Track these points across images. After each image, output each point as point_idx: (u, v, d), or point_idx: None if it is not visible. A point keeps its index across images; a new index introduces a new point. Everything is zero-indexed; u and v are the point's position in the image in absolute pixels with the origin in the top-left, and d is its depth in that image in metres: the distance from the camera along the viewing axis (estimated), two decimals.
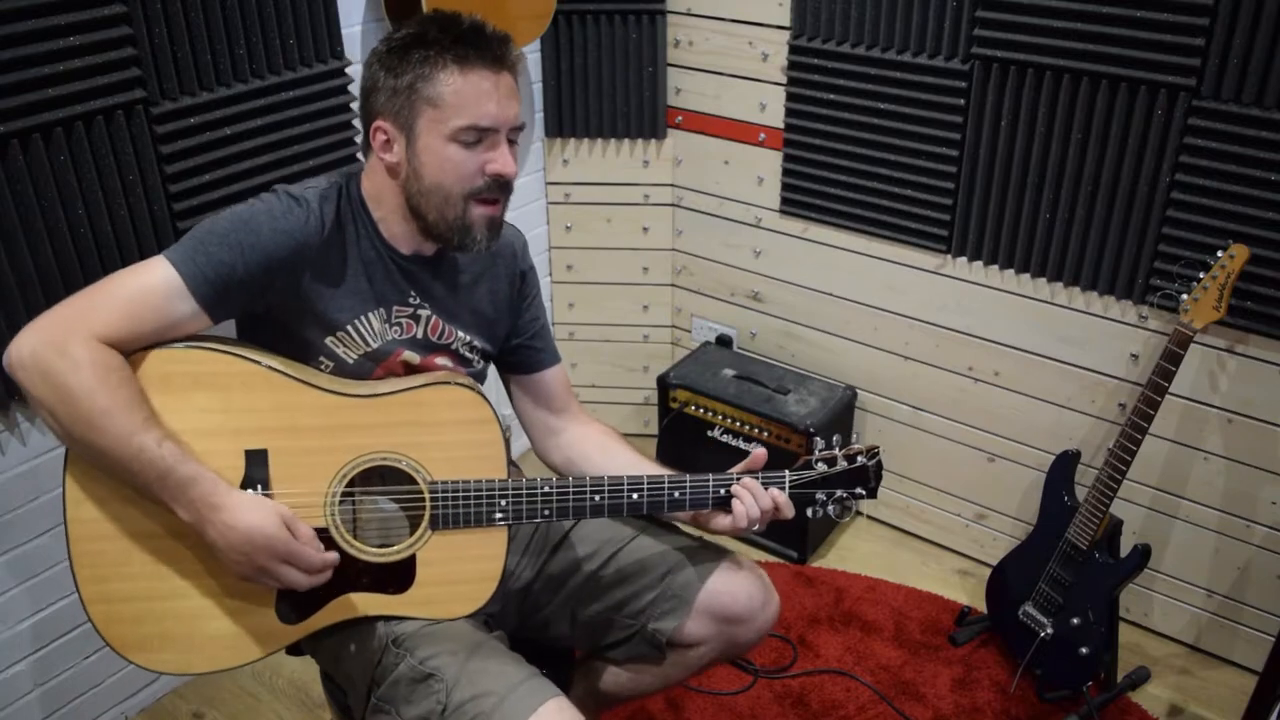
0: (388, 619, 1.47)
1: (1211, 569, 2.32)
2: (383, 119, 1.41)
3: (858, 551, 2.73)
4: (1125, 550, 2.12)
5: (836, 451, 1.55)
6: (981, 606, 2.44)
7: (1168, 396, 2.00)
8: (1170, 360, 1.96)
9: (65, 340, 1.27)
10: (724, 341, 2.93)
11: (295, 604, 1.44)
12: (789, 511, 1.51)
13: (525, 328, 1.66)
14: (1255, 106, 1.95)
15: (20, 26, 1.67)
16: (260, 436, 1.38)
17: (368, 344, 1.48)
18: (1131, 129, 2.09)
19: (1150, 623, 2.46)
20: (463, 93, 1.37)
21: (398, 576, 1.45)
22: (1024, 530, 2.54)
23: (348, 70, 2.21)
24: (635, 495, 1.48)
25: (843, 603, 2.53)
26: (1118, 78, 2.07)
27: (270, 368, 1.38)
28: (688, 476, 1.50)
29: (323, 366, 1.47)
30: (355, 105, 2.23)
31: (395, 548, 1.44)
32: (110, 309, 1.31)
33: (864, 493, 1.56)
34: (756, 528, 1.51)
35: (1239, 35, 1.92)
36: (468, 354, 1.58)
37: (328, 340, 1.46)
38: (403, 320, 1.51)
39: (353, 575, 1.44)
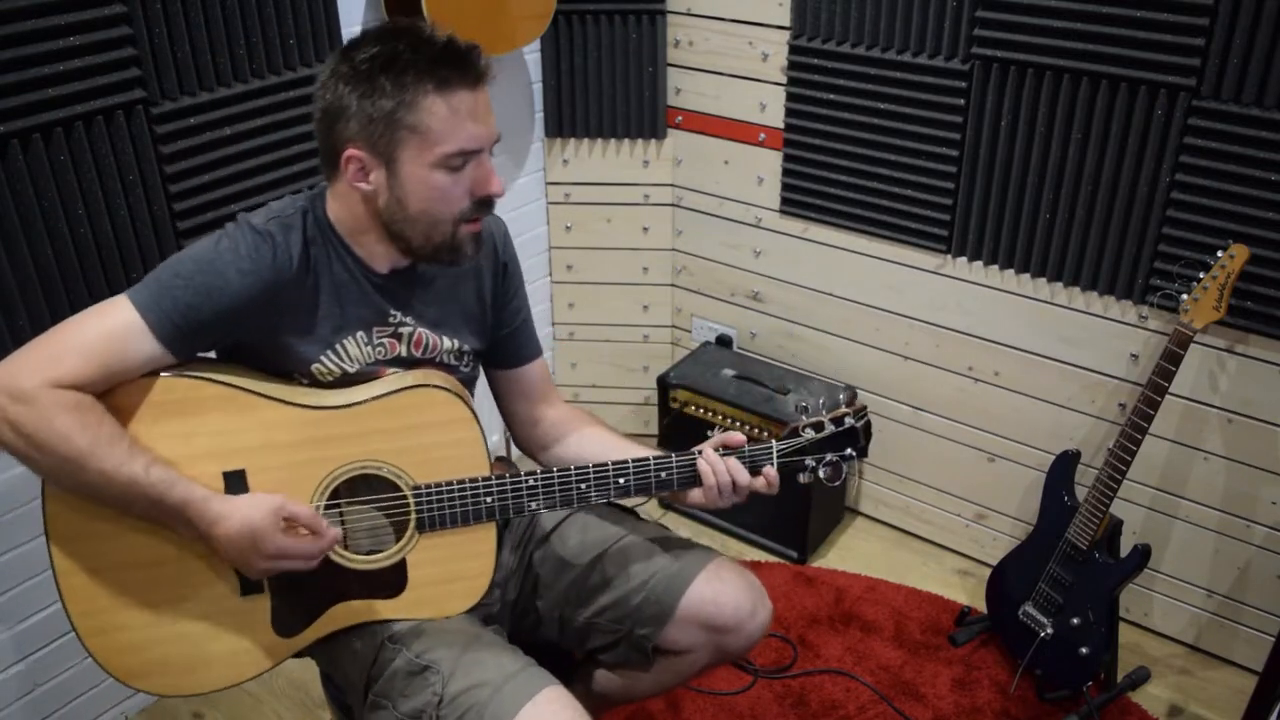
0: (382, 619, 1.47)
1: (1211, 569, 2.32)
2: (356, 147, 1.34)
3: (858, 551, 2.73)
4: (1125, 550, 2.12)
5: (824, 416, 1.51)
6: (981, 606, 2.44)
7: (1168, 396, 1.99)
8: (1170, 360, 1.96)
9: (31, 391, 1.25)
10: (724, 341, 2.93)
11: (291, 617, 1.44)
12: (767, 487, 1.49)
13: (508, 320, 1.63)
14: (1255, 106, 1.95)
15: (20, 26, 1.67)
16: (236, 457, 1.36)
17: (346, 369, 1.45)
18: (1131, 129, 2.09)
19: (1150, 623, 2.46)
20: (449, 119, 1.31)
21: (390, 581, 1.45)
22: (1024, 530, 2.54)
23: None
24: (622, 479, 1.46)
25: (843, 603, 2.53)
26: (1118, 78, 2.07)
27: (239, 387, 1.36)
28: (674, 456, 1.48)
29: (301, 383, 1.44)
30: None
31: (384, 554, 1.43)
32: (74, 355, 1.28)
33: (854, 453, 1.52)
34: (733, 500, 1.49)
35: (1239, 35, 1.92)
36: (453, 362, 1.55)
37: (308, 369, 1.43)
38: (385, 340, 1.47)
39: (345, 584, 1.44)
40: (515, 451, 1.79)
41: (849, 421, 1.51)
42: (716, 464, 1.47)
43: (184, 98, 1.94)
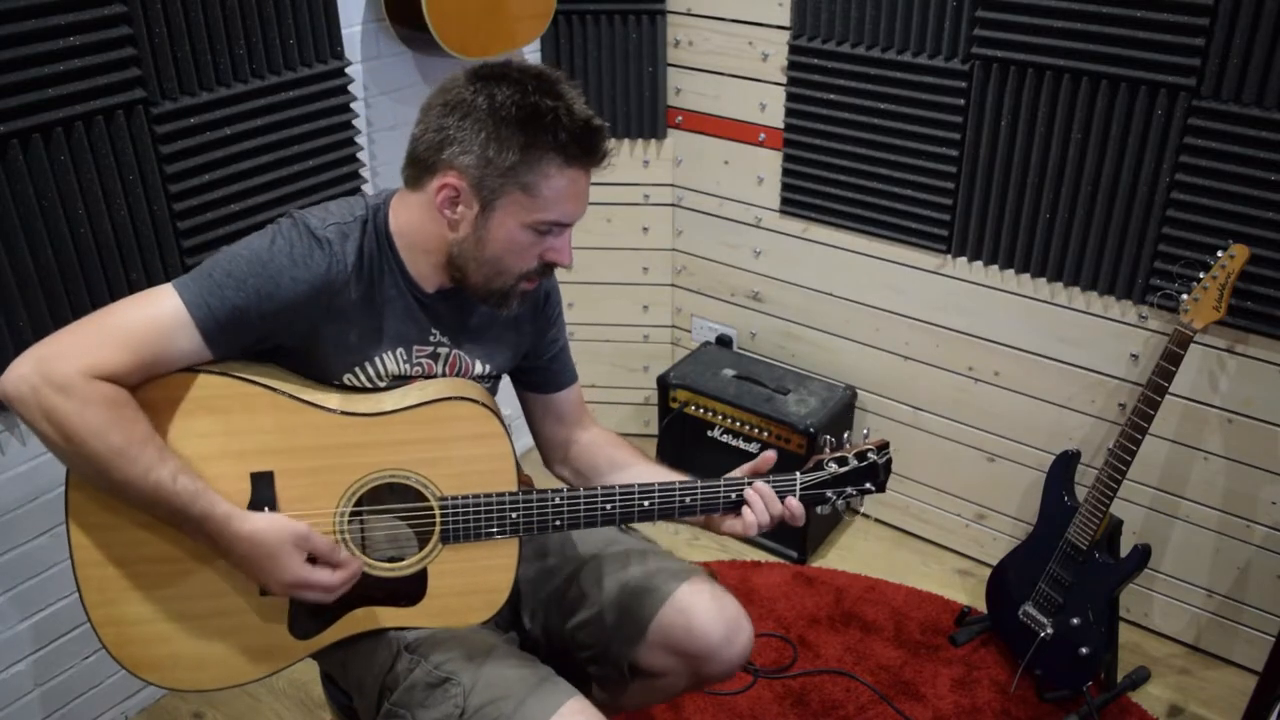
0: (399, 627, 1.47)
1: (1211, 569, 2.32)
2: (458, 178, 1.33)
3: (858, 551, 2.73)
4: (1125, 550, 2.12)
5: (847, 451, 1.53)
6: (981, 606, 2.44)
7: (1168, 396, 2.00)
8: (1170, 360, 1.96)
9: (68, 378, 1.21)
10: (724, 341, 2.93)
11: (308, 620, 1.44)
12: (801, 519, 1.49)
13: (545, 349, 1.63)
14: (1255, 106, 1.95)
15: (20, 26, 1.67)
16: (265, 458, 1.36)
17: (378, 383, 1.44)
18: (1131, 129, 2.09)
19: (1150, 623, 2.46)
20: (562, 192, 1.35)
21: (410, 589, 1.45)
22: (1024, 530, 2.54)
23: (348, 70, 2.21)
24: (647, 503, 1.47)
25: (843, 603, 2.53)
26: (1118, 78, 2.07)
27: (272, 389, 1.35)
28: (699, 482, 1.48)
29: (333, 385, 1.44)
30: (356, 105, 2.25)
31: (406, 562, 1.43)
32: (114, 343, 1.25)
33: (873, 488, 1.54)
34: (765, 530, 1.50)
35: (1239, 35, 1.92)
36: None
37: (341, 378, 1.43)
38: (423, 360, 1.47)
39: (365, 589, 1.43)
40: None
41: (871, 457, 1.52)
42: (756, 502, 1.46)
43: (184, 98, 1.94)
